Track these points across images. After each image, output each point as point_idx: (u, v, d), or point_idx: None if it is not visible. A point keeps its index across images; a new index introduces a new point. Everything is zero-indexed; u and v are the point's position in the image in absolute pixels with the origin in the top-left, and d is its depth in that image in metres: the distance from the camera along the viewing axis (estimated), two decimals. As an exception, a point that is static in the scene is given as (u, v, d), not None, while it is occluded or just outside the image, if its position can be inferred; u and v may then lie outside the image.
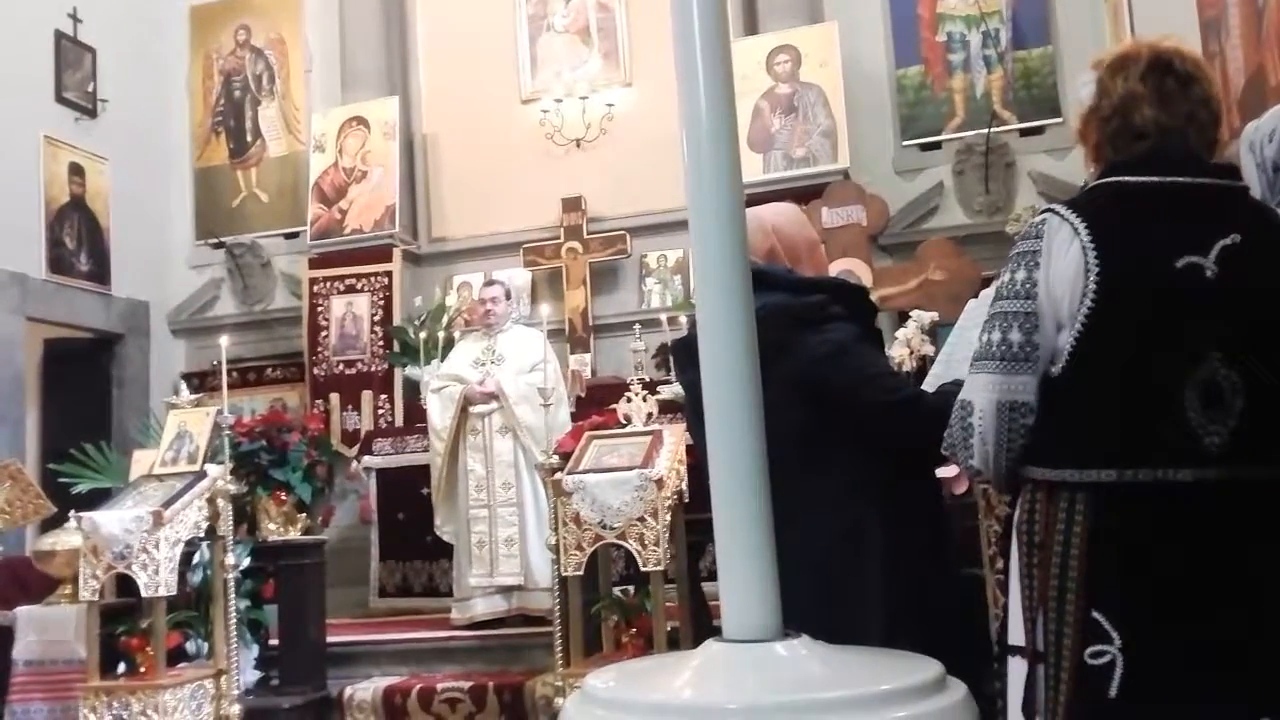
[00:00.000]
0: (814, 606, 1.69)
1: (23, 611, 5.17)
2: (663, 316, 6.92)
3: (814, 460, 2.01)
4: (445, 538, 6.11)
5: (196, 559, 5.18)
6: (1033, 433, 1.73)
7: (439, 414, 6.04)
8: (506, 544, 5.82)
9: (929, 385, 2.35)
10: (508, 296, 6.29)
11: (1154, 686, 1.62)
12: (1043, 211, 1.78)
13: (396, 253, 8.48)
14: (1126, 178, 1.76)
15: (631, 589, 4.75)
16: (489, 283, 6.50)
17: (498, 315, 6.14)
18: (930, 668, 1.24)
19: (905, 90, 8.19)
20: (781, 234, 2.30)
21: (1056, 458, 1.70)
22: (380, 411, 8.23)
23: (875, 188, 7.67)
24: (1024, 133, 7.88)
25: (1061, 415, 1.71)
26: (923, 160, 8.11)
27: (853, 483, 2.03)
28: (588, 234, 8.42)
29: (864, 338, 2.16)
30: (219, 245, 9.23)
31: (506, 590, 5.83)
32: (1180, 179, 1.75)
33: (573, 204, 8.44)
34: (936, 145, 8.08)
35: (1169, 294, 1.65)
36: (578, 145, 8.56)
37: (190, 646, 5.13)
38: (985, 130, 7.75)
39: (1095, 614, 1.64)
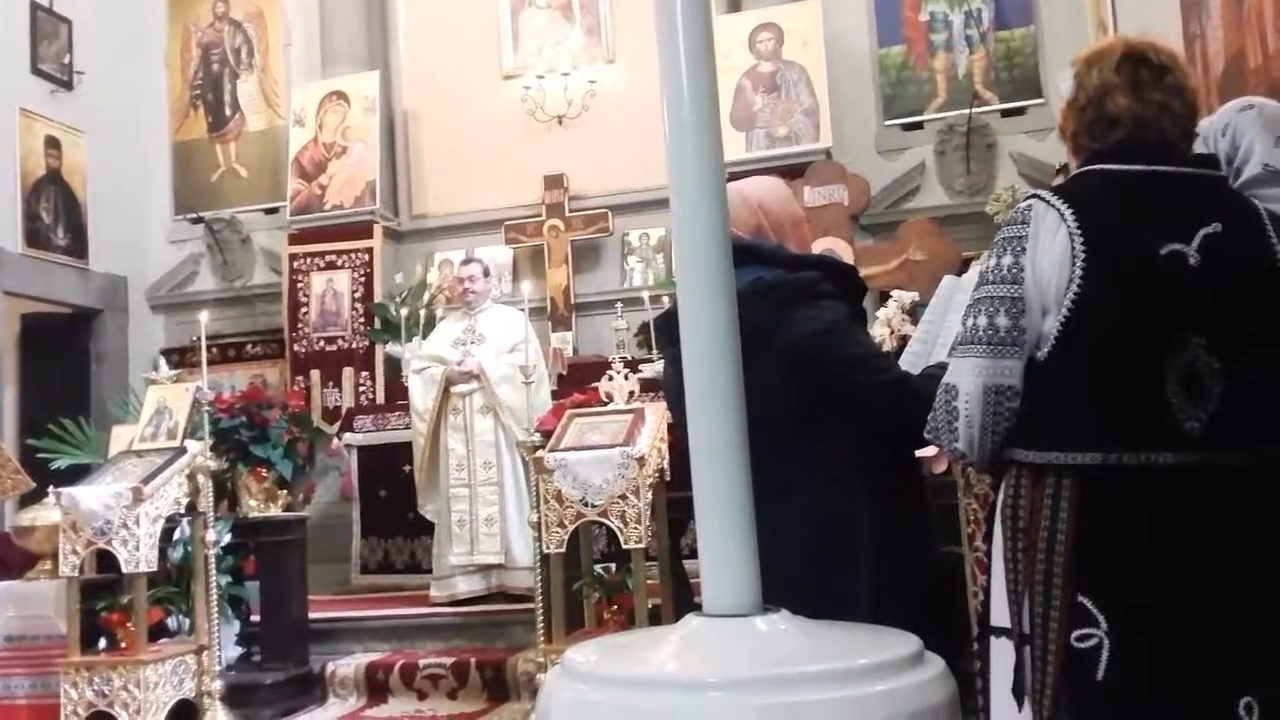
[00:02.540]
0: (802, 579, 1.71)
1: (2, 586, 5.15)
2: (645, 295, 6.91)
3: (804, 436, 2.02)
4: (429, 517, 6.12)
5: (177, 535, 5.18)
6: (1017, 416, 1.75)
7: (420, 395, 6.04)
8: (487, 523, 5.83)
9: (905, 363, 2.36)
10: (486, 274, 6.27)
11: (1140, 669, 1.64)
12: (1028, 197, 1.80)
13: (377, 229, 8.44)
14: (1111, 165, 1.78)
15: (613, 566, 4.78)
16: (466, 261, 6.48)
17: (476, 293, 6.13)
18: (908, 643, 1.25)
19: (887, 70, 8.19)
20: (767, 210, 2.28)
21: (1042, 440, 1.72)
22: (361, 388, 8.21)
23: (857, 167, 7.68)
24: (1005, 113, 7.89)
25: (1047, 399, 1.72)
26: (904, 140, 8.12)
27: (842, 459, 2.03)
28: (569, 212, 8.39)
29: (853, 317, 2.17)
30: (198, 220, 9.16)
31: (486, 569, 5.85)
32: (1163, 168, 1.77)
33: (555, 181, 8.41)
34: (918, 125, 8.09)
35: (1154, 281, 1.68)
36: (560, 122, 8.53)
37: (171, 622, 5.14)
38: (967, 110, 7.76)
39: (1081, 598, 1.66)
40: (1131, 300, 1.67)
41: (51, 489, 4.90)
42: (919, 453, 2.30)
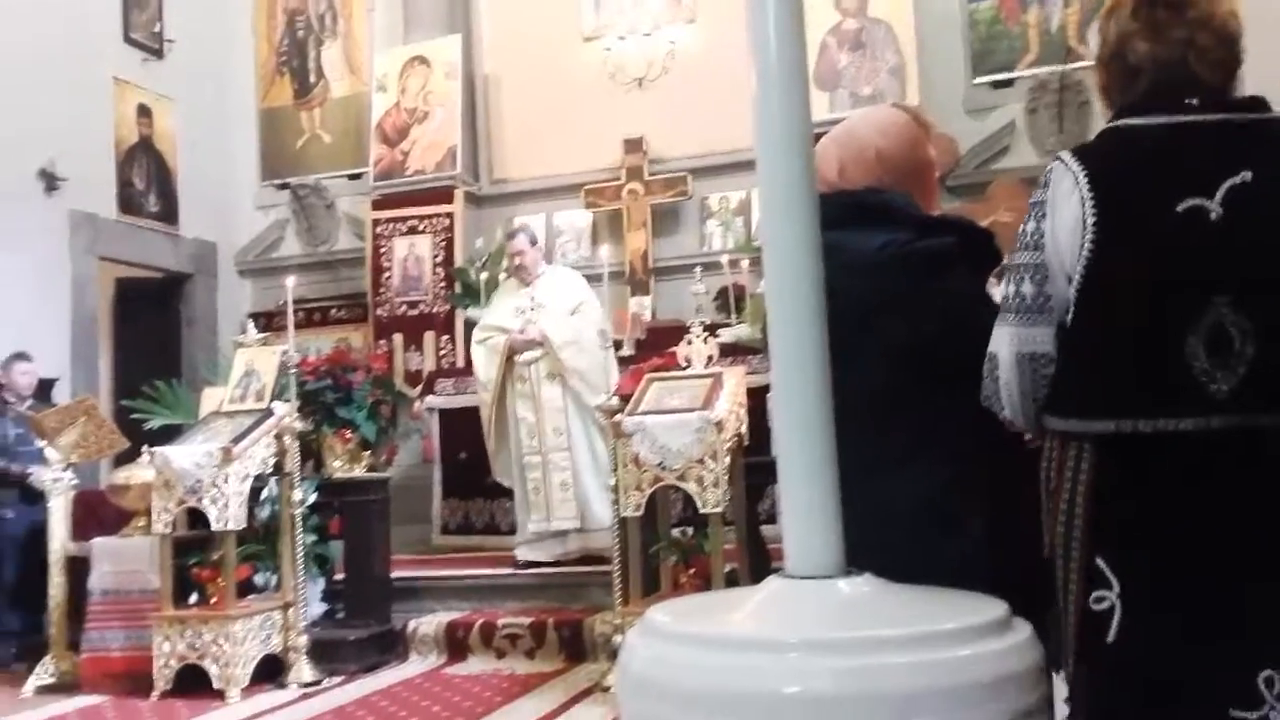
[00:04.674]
0: (914, 546, 1.65)
1: (98, 543, 5.34)
2: (724, 259, 6.87)
3: (924, 405, 1.92)
4: (505, 484, 6.16)
5: (264, 494, 5.30)
6: (1051, 382, 1.72)
7: (484, 366, 6.03)
8: (561, 488, 5.86)
9: None
10: (533, 243, 6.16)
11: (1150, 633, 1.60)
12: (1053, 159, 1.75)
13: (458, 194, 8.49)
14: (1131, 120, 1.71)
15: (690, 530, 4.78)
16: (512, 234, 6.29)
17: (528, 265, 6.05)
18: (995, 608, 1.22)
19: (977, 25, 7.98)
20: (888, 161, 2.03)
21: (1065, 408, 1.70)
22: (442, 352, 8.30)
23: (945, 127, 7.50)
24: (1099, 70, 7.66)
25: (1069, 366, 1.69)
26: (994, 98, 7.91)
27: (960, 427, 1.93)
28: (649, 175, 8.36)
29: (983, 292, 2.07)
30: (284, 186, 9.32)
31: (563, 534, 5.89)
32: (1186, 118, 1.68)
33: (634, 145, 8.38)
34: (1009, 83, 7.88)
35: (1168, 240, 1.61)
36: (639, 85, 8.47)
37: (259, 579, 5.27)
38: (1060, 67, 7.53)
39: (1098, 560, 1.64)
40: (1144, 262, 1.61)
41: (145, 448, 5.06)
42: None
